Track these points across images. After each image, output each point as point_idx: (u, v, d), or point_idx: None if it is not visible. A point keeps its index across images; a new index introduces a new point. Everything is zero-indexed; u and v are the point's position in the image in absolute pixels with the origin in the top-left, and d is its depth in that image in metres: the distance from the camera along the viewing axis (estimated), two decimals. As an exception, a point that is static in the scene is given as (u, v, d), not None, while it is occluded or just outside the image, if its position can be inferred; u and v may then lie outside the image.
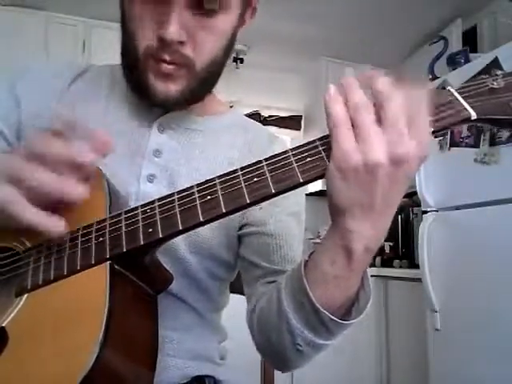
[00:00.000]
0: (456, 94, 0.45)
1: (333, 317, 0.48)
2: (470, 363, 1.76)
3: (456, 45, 2.52)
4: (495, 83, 0.45)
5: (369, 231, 0.44)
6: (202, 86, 0.64)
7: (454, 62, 2.16)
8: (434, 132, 0.44)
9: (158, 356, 0.48)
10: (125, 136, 0.66)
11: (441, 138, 1.99)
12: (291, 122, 3.38)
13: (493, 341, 1.67)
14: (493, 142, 1.74)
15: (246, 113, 3.16)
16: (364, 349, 2.53)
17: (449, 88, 0.45)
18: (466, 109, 0.44)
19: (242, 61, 3.11)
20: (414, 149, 0.41)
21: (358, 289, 0.50)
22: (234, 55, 3.09)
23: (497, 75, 0.46)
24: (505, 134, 1.69)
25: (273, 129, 3.28)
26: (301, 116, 3.41)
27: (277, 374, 1.19)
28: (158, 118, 0.67)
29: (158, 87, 0.60)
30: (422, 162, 0.43)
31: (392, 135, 0.41)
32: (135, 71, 0.62)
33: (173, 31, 0.55)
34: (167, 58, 0.58)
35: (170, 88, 0.60)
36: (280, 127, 3.33)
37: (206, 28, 0.59)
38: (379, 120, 0.42)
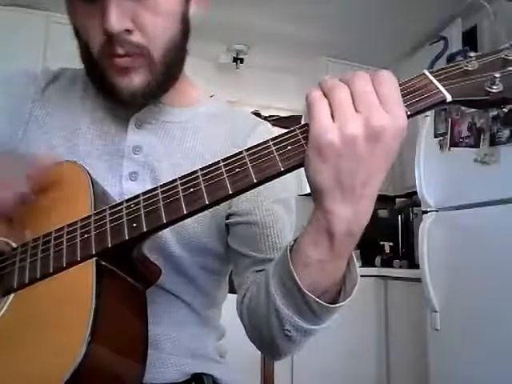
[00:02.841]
0: (431, 77, 0.45)
1: (319, 300, 0.48)
2: (469, 363, 1.76)
3: (456, 45, 2.52)
4: (469, 65, 0.45)
5: (350, 213, 0.44)
6: (165, 74, 0.62)
7: (454, 62, 2.15)
8: (411, 115, 0.44)
9: (154, 353, 0.48)
10: (103, 137, 0.66)
11: (441, 137, 1.99)
12: (291, 122, 3.37)
13: (493, 341, 1.67)
14: (493, 142, 1.74)
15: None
16: (364, 349, 2.53)
17: (424, 71, 0.46)
18: (441, 91, 0.44)
19: (242, 61, 3.11)
20: (388, 121, 0.41)
21: (344, 273, 0.50)
22: (233, 55, 3.09)
23: (470, 57, 0.46)
24: (505, 133, 1.69)
25: (273, 129, 3.28)
26: (301, 116, 3.41)
27: (276, 372, 1.19)
28: (133, 115, 0.66)
29: (120, 83, 0.59)
30: (398, 139, 0.43)
31: (365, 109, 0.42)
32: (96, 73, 0.61)
33: (113, 21, 0.54)
34: (120, 51, 0.57)
35: (133, 81, 0.59)
36: (280, 127, 3.33)
37: (149, 10, 0.57)
38: (353, 100, 0.43)
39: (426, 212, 2.05)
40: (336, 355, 2.33)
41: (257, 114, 3.26)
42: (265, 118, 3.30)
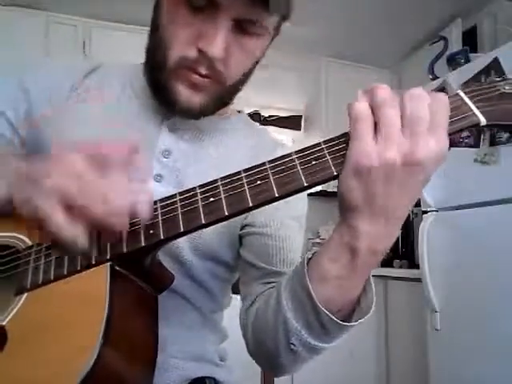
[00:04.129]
0: (466, 99, 0.43)
1: (332, 316, 0.48)
2: (469, 363, 1.76)
3: (456, 45, 2.52)
4: (507, 87, 0.43)
5: (376, 232, 0.43)
6: (223, 101, 0.65)
7: (454, 62, 2.16)
8: None
9: (160, 356, 0.48)
10: (134, 135, 0.66)
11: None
12: (291, 122, 3.37)
13: (493, 341, 1.67)
14: (493, 142, 1.74)
15: (245, 113, 3.15)
16: (364, 349, 2.53)
17: (458, 92, 0.44)
18: (475, 114, 0.42)
19: (242, 61, 3.10)
20: (431, 152, 0.40)
21: (359, 293, 0.49)
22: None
23: (508, 79, 0.43)
24: (505, 134, 1.69)
25: (273, 129, 3.28)
26: (301, 116, 3.40)
27: (277, 373, 1.19)
28: (168, 119, 0.67)
29: (183, 94, 0.60)
30: (438, 166, 0.41)
31: (412, 136, 0.40)
32: (161, 74, 0.61)
33: (219, 49, 0.56)
34: (203, 71, 0.59)
35: (195, 98, 0.61)
36: (280, 127, 3.33)
37: (241, 48, 0.60)
38: (402, 121, 0.41)
39: (425, 212, 2.05)
40: (336, 355, 2.32)
41: (257, 113, 3.26)
42: (265, 118, 3.30)
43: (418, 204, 2.30)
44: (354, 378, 2.49)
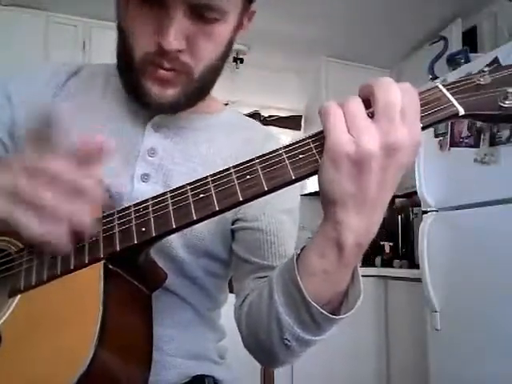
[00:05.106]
0: (444, 91, 0.45)
1: (323, 310, 0.48)
2: (469, 363, 1.76)
3: (456, 45, 2.52)
4: (482, 79, 0.45)
5: (360, 225, 0.44)
6: (197, 92, 0.64)
7: (454, 62, 2.15)
8: (423, 128, 0.44)
9: (155, 355, 0.48)
10: (119, 135, 0.66)
11: (441, 137, 2.00)
12: (291, 122, 3.37)
13: (493, 341, 1.67)
14: (493, 142, 1.74)
15: (245, 113, 3.16)
16: (364, 349, 2.53)
17: (437, 85, 0.46)
18: (453, 105, 0.44)
19: (241, 61, 3.11)
20: (405, 137, 0.41)
21: (347, 284, 0.50)
22: (233, 55, 3.09)
23: (483, 71, 0.46)
24: (505, 133, 1.69)
25: (273, 129, 3.28)
26: (301, 116, 3.41)
27: (277, 373, 1.19)
28: (152, 117, 0.67)
29: (153, 91, 0.60)
30: (414, 153, 0.43)
31: (384, 123, 0.41)
32: (131, 74, 0.62)
33: (172, 41, 0.56)
34: (166, 65, 0.59)
35: (166, 93, 0.61)
36: (280, 127, 3.33)
37: (204, 35, 0.59)
38: (372, 111, 0.42)
39: (426, 212, 2.05)
40: (336, 355, 2.33)
41: (257, 113, 3.26)
42: (265, 118, 3.30)
43: (418, 204, 2.31)
44: (354, 378, 2.49)
